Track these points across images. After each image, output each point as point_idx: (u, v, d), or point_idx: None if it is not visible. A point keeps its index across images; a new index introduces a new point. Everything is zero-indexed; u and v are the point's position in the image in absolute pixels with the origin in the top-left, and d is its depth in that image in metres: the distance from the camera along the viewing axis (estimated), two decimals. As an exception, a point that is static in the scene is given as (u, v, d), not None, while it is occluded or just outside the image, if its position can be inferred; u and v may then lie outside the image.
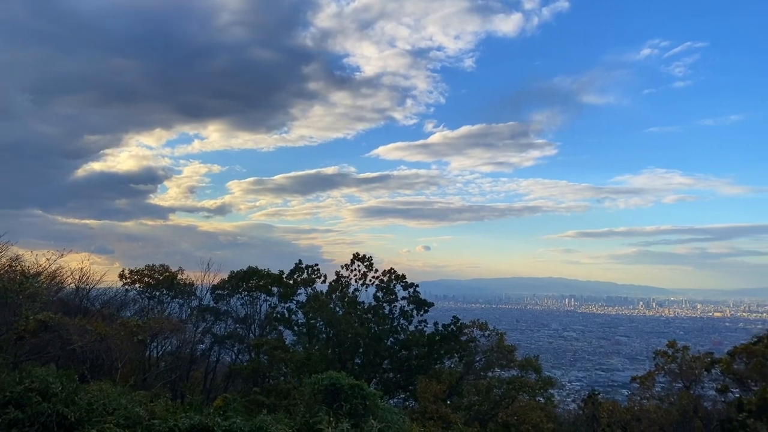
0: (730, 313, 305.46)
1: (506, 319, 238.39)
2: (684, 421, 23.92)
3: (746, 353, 28.30)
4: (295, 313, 38.98)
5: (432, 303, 39.65)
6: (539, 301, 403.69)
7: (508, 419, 24.00)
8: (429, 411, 23.36)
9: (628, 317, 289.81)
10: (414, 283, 39.60)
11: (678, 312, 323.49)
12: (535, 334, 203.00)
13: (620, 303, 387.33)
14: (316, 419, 14.60)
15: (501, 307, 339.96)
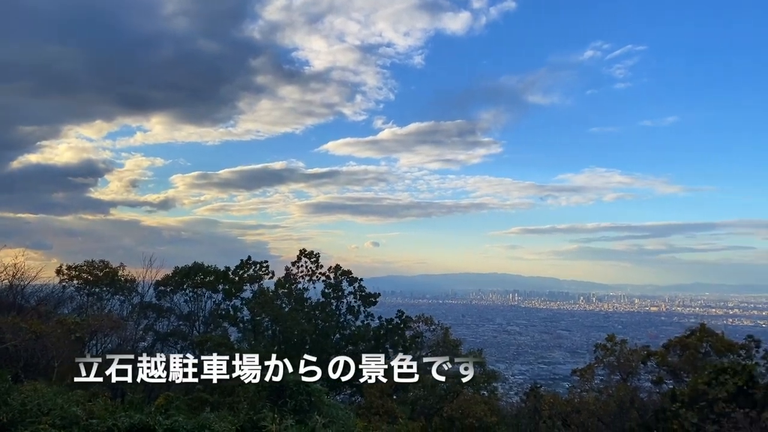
0: (665, 308, 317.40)
1: (452, 314, 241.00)
2: (621, 412, 24.76)
3: (680, 346, 29.49)
4: (241, 310, 38.50)
5: (378, 294, 39.80)
6: (484, 296, 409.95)
7: (453, 413, 24.31)
8: (375, 406, 23.47)
9: (570, 312, 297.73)
10: (361, 278, 39.71)
11: (617, 306, 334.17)
12: (480, 329, 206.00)
13: (562, 298, 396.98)
14: (260, 416, 14.49)
15: (448, 302, 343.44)
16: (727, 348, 28.28)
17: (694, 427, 20.95)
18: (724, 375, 22.88)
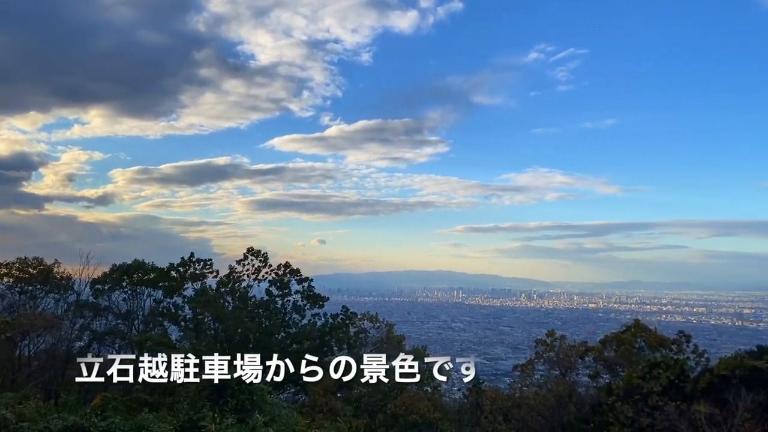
0: (603, 304, 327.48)
1: (398, 311, 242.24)
2: (559, 406, 25.43)
3: (616, 341, 30.50)
4: (182, 308, 37.67)
5: (327, 297, 39.63)
6: (430, 293, 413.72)
7: (397, 410, 24.46)
8: (319, 404, 23.39)
9: (512, 308, 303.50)
10: (309, 277, 39.37)
11: (557, 303, 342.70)
12: (425, 326, 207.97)
13: (504, 295, 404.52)
14: (200, 416, 14.24)
15: (394, 299, 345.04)
16: (660, 343, 29.41)
17: (628, 420, 21.67)
18: (657, 369, 23.77)
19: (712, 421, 16.76)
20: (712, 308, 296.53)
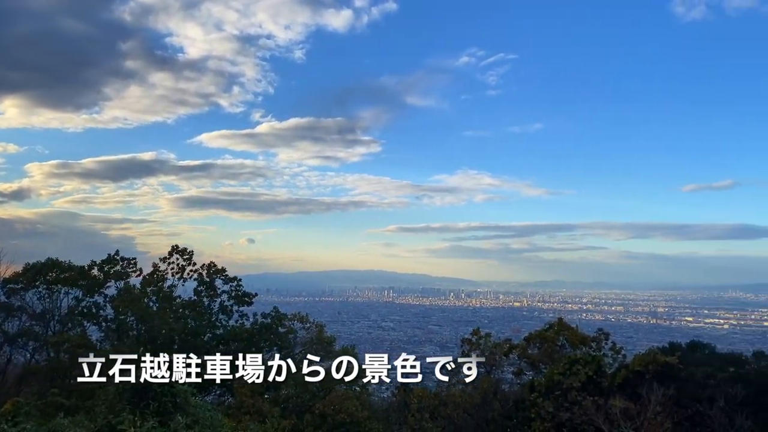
0: (527, 303, 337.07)
1: (329, 311, 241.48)
2: (485, 403, 26.02)
3: (539, 339, 31.51)
4: (104, 308, 36.22)
5: (255, 294, 38.97)
6: (361, 293, 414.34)
7: (325, 409, 24.37)
8: (246, 405, 23.04)
9: (440, 307, 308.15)
10: (237, 277, 38.65)
11: (484, 302, 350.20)
12: (355, 325, 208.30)
13: (434, 294, 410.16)
14: (119, 419, 13.75)
15: (324, 299, 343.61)
16: (581, 341, 30.58)
17: (549, 415, 22.41)
18: (576, 366, 24.70)
19: (627, 415, 17.57)
20: (629, 307, 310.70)
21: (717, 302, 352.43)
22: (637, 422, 17.11)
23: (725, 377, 23.85)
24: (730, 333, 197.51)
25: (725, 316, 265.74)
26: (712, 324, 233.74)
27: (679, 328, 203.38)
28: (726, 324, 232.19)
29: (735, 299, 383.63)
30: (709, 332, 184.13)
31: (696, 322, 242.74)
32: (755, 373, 25.04)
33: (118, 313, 35.48)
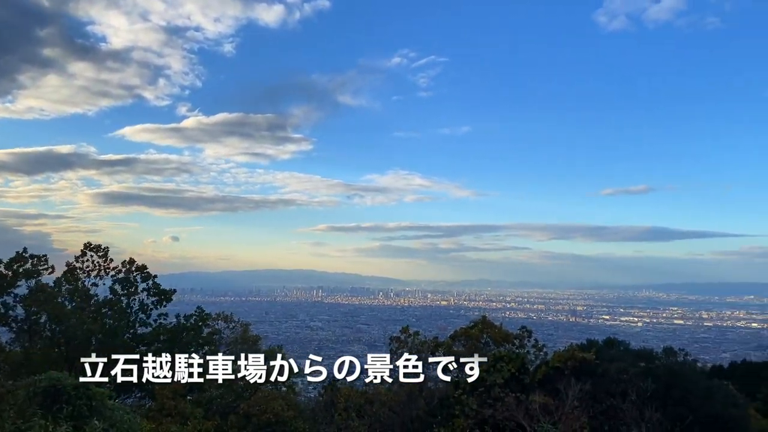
0: (454, 302, 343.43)
1: (255, 311, 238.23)
2: (410, 401, 26.27)
3: (464, 336, 32.10)
4: (14, 308, 34.29)
5: (173, 290, 37.73)
6: (289, 292, 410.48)
7: (250, 410, 24.01)
8: (167, 408, 22.40)
9: (370, 306, 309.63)
10: (155, 275, 37.35)
11: (412, 301, 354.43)
12: (283, 325, 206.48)
13: (363, 293, 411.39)
14: (30, 425, 13.07)
15: (251, 299, 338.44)
16: (504, 338, 31.36)
17: (473, 411, 22.88)
18: (500, 363, 25.32)
19: (546, 410, 18.16)
20: (550, 305, 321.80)
21: (632, 301, 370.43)
22: (555, 417, 17.72)
23: (637, 372, 25.07)
24: (644, 330, 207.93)
25: (639, 314, 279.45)
26: (626, 322, 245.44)
27: (596, 326, 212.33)
28: (640, 322, 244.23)
29: (648, 298, 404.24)
30: (624, 330, 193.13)
31: (612, 320, 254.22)
32: (664, 368, 26.46)
33: (29, 313, 33.67)
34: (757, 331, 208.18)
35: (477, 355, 20.46)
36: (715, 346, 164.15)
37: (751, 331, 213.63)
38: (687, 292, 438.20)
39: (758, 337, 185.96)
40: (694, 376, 27.45)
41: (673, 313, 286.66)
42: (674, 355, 33.38)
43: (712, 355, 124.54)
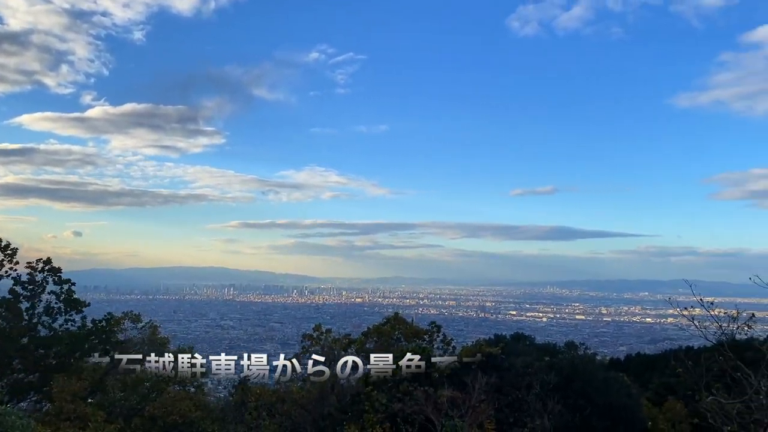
0: (369, 299, 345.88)
1: (163, 309, 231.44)
2: (322, 398, 26.32)
3: (377, 333, 32.47)
4: None
5: (87, 303, 35.85)
6: (199, 291, 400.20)
7: (156, 412, 23.32)
8: (65, 411, 21.39)
9: (283, 305, 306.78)
10: (70, 279, 35.30)
11: (327, 299, 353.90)
12: (192, 324, 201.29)
13: (277, 291, 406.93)
14: None
15: (159, 297, 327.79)
16: (415, 334, 31.96)
17: (382, 406, 23.23)
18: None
19: (454, 403, 18.70)
20: (461, 302, 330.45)
21: (537, 297, 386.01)
22: (462, 410, 18.29)
23: (541, 366, 26.25)
24: (548, 325, 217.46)
25: (544, 310, 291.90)
26: (532, 317, 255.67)
27: (504, 321, 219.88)
28: (544, 317, 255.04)
29: (552, 294, 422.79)
30: (530, 325, 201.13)
31: (519, 315, 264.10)
32: (566, 362, 27.83)
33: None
34: (650, 326, 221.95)
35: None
36: (613, 340, 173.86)
37: (645, 325, 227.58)
38: (588, 288, 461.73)
39: (651, 331, 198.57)
40: (593, 369, 28.98)
41: (575, 309, 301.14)
42: (575, 349, 35.14)
43: (611, 348, 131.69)
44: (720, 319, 12.98)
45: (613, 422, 24.68)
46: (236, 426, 25.72)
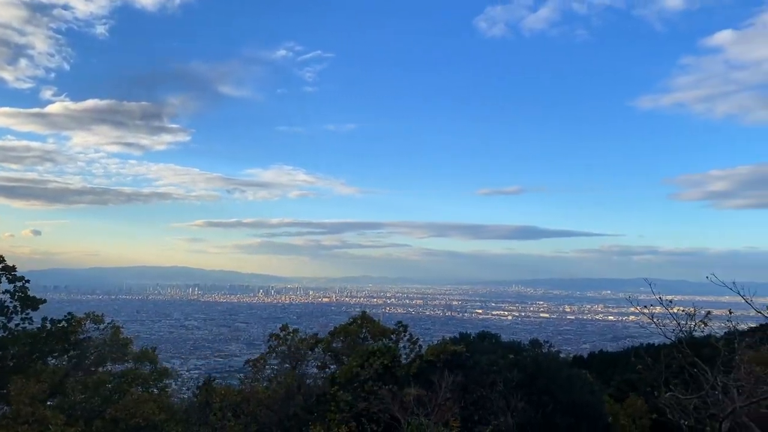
0: (336, 298, 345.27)
1: (126, 310, 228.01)
2: (288, 398, 26.20)
3: (344, 333, 32.42)
4: None
5: (43, 300, 34.99)
6: (163, 290, 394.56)
7: (118, 414, 22.89)
8: (23, 414, 20.83)
9: (249, 304, 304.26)
10: (24, 277, 34.40)
11: (293, 298, 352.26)
12: (156, 325, 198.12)
13: (242, 291, 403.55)
14: None
15: (122, 297, 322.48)
16: (381, 333, 32.01)
17: (348, 405, 23.21)
18: (374, 357, 25.88)
19: (420, 402, 18.77)
20: (428, 301, 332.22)
21: (503, 296, 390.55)
22: (428, 408, 18.37)
23: (506, 363, 26.56)
24: (513, 323, 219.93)
25: (509, 308, 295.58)
26: (498, 315, 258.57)
27: (470, 320, 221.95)
28: (510, 315, 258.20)
29: (517, 293, 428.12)
30: (495, 323, 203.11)
31: (485, 314, 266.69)
32: (530, 360, 28.18)
33: None
34: (612, 324, 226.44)
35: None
36: (576, 337, 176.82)
37: (607, 323, 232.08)
38: (552, 287, 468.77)
39: (614, 329, 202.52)
40: (556, 367, 29.39)
41: (540, 307, 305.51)
42: (539, 346, 35.55)
43: (574, 346, 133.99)
44: (679, 317, 13.30)
45: (575, 419, 25.08)
46: (200, 427, 25.40)
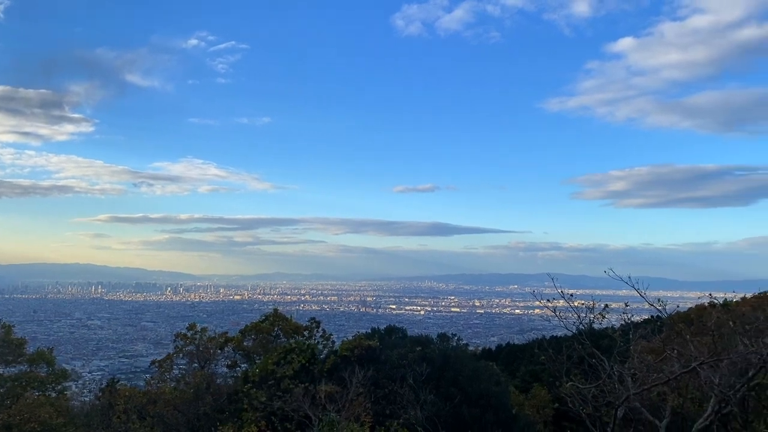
0: (248, 296, 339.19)
1: (21, 309, 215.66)
2: (197, 398, 25.56)
3: (255, 330, 31.98)
4: None
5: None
6: (63, 289, 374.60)
7: (11, 420, 21.59)
8: None
9: (156, 303, 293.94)
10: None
11: (203, 296, 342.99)
12: (54, 325, 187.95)
13: (149, 289, 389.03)
14: None
15: (16, 296, 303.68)
16: (295, 330, 31.82)
17: (262, 404, 22.96)
18: (291, 355, 25.72)
19: (332, 399, 18.81)
20: (343, 297, 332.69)
21: (416, 291, 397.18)
22: (340, 404, 18.44)
23: (415, 357, 27.00)
24: (426, 318, 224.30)
25: (422, 303, 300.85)
26: (411, 310, 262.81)
27: (384, 315, 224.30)
28: (422, 310, 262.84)
29: (430, 288, 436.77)
30: (408, 318, 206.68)
31: (398, 309, 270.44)
32: (439, 353, 28.80)
33: None
34: (519, 317, 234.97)
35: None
36: (485, 330, 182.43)
37: (514, 317, 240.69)
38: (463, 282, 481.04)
39: (520, 322, 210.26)
40: (464, 359, 30.20)
41: (451, 302, 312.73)
42: (448, 340, 36.39)
43: (483, 339, 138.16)
44: (579, 310, 14.00)
45: (481, 410, 25.86)
46: (103, 431, 24.39)
